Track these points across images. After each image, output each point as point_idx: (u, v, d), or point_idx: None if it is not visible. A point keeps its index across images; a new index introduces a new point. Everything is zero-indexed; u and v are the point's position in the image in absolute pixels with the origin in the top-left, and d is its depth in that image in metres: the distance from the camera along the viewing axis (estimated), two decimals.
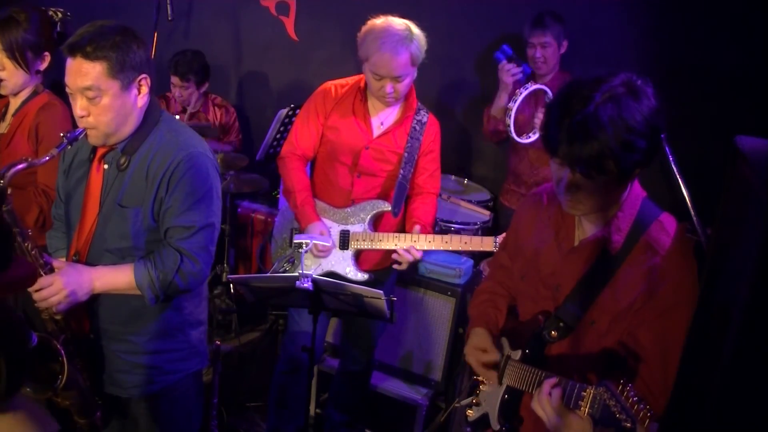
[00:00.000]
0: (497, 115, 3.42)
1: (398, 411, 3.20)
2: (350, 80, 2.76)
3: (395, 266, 2.69)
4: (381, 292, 2.22)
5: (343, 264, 2.72)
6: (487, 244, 2.60)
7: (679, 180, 2.70)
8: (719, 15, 3.40)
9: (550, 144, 1.49)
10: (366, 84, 2.68)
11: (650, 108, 1.44)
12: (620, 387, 1.40)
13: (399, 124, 2.71)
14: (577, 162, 1.44)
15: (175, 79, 4.04)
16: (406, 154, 2.70)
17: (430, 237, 2.62)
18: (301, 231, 2.71)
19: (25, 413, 1.44)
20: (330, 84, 2.78)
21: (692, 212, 2.60)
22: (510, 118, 3.11)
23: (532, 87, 3.14)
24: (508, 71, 3.17)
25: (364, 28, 2.60)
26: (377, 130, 2.72)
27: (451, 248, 2.63)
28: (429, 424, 3.21)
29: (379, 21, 2.57)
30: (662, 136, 1.49)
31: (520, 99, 3.10)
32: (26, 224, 2.15)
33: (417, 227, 2.65)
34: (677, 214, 1.67)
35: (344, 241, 2.71)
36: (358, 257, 2.75)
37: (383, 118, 2.73)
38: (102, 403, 2.05)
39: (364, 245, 2.70)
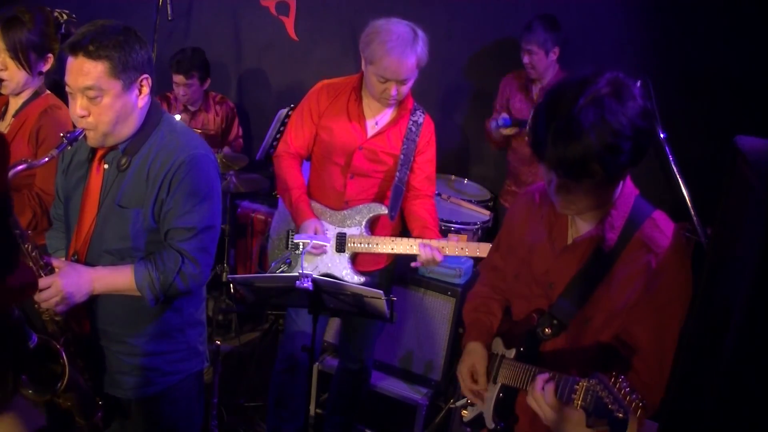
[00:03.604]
0: (497, 138, 3.62)
1: (398, 411, 3.20)
2: (345, 80, 2.74)
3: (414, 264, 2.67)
4: (381, 292, 2.22)
5: (340, 267, 2.71)
6: (484, 250, 2.55)
7: (679, 180, 2.70)
8: (719, 15, 3.40)
9: (538, 147, 1.48)
10: (361, 84, 2.66)
11: (635, 109, 1.42)
12: (612, 379, 1.40)
13: (393, 124, 2.69)
14: (562, 165, 1.44)
15: (178, 78, 4.02)
16: (402, 157, 2.68)
17: (426, 241, 2.60)
18: (296, 229, 2.70)
19: (14, 413, 1.44)
20: (324, 83, 2.75)
21: (692, 212, 2.61)
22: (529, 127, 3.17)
23: None
24: (508, 133, 3.48)
25: (368, 30, 2.54)
26: (371, 130, 2.69)
27: (447, 253, 2.60)
28: (429, 424, 3.22)
29: (385, 23, 2.52)
30: (663, 136, 1.49)
31: None
32: None
33: (436, 237, 2.62)
34: (677, 214, 1.68)
35: (341, 243, 2.70)
36: (355, 260, 2.74)
37: (378, 119, 2.70)
38: (103, 404, 2.04)
39: (361, 248, 2.68)
